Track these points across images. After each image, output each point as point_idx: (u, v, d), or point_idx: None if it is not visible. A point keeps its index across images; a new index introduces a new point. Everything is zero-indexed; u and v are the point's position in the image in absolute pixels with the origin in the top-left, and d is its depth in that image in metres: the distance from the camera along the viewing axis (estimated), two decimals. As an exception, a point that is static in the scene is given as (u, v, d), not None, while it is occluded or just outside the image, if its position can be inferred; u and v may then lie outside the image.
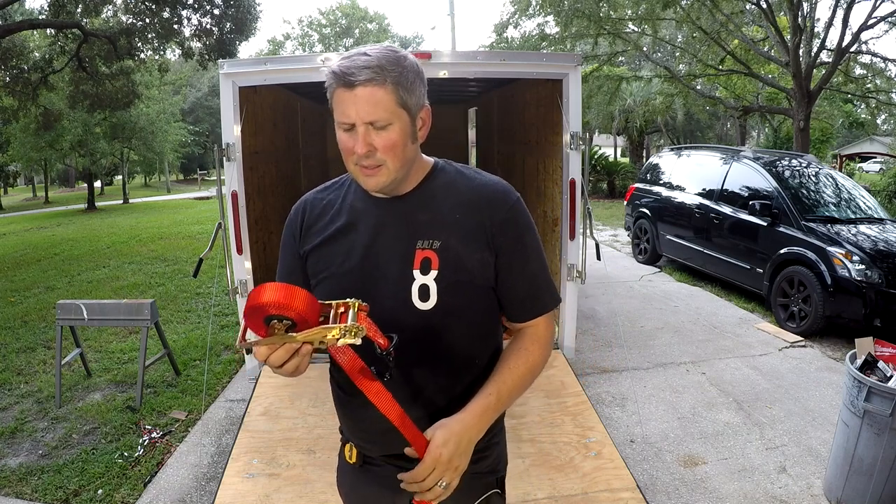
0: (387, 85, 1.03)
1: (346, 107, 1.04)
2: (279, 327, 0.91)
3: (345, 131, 1.07)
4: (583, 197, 3.65)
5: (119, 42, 10.45)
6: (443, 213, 1.14)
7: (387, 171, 1.08)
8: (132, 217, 16.69)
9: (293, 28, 55.51)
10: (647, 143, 23.61)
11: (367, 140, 1.05)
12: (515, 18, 13.42)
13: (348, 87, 1.02)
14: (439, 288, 1.10)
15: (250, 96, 3.78)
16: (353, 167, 1.10)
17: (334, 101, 1.06)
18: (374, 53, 1.04)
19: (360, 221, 1.16)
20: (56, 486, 3.05)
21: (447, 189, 1.16)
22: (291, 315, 0.91)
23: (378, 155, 1.06)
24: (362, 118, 1.03)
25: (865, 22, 9.03)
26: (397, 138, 1.06)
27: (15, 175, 33.48)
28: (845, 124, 23.89)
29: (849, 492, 2.72)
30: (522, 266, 1.17)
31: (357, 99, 1.03)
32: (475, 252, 1.12)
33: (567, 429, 2.93)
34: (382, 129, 1.05)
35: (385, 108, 1.04)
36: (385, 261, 1.12)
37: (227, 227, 3.49)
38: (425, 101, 1.12)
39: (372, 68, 1.02)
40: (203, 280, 6.71)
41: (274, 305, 0.90)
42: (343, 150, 1.09)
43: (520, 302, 1.19)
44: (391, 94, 1.04)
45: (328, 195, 1.24)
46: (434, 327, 1.11)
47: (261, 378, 3.51)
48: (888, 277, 4.82)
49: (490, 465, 1.24)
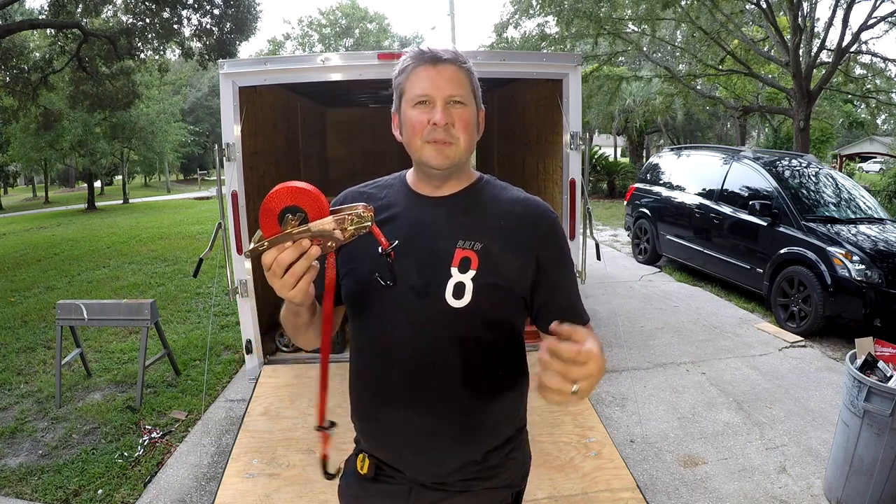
0: (466, 69, 1.12)
1: (428, 82, 1.09)
2: (293, 221, 0.92)
3: (418, 107, 1.10)
4: (583, 197, 3.65)
5: (119, 42, 10.45)
6: (486, 220, 1.15)
7: (457, 148, 1.11)
8: (132, 217, 16.70)
9: (293, 28, 55.54)
10: (647, 143, 23.61)
11: (447, 113, 1.09)
12: (515, 18, 13.44)
13: (433, 63, 1.09)
14: (475, 287, 1.10)
15: (250, 96, 3.78)
16: (421, 143, 1.11)
17: (410, 79, 1.11)
18: (451, 48, 1.13)
19: (401, 216, 1.17)
20: (56, 486, 3.05)
21: (491, 199, 1.19)
22: (304, 203, 0.92)
23: (453, 131, 1.09)
24: (444, 92, 1.08)
25: (865, 22, 9.03)
26: (471, 118, 1.12)
27: (15, 175, 33.49)
28: (845, 124, 23.87)
29: (849, 492, 2.72)
30: (563, 280, 1.19)
31: (441, 74, 1.09)
32: (515, 260, 1.13)
33: (567, 429, 2.93)
34: (460, 107, 1.10)
35: (465, 88, 1.11)
36: (422, 255, 1.12)
37: (227, 227, 3.50)
38: (482, 106, 1.18)
39: (454, 53, 1.12)
40: (203, 280, 6.71)
41: (288, 192, 0.92)
42: (413, 126, 1.11)
43: (559, 311, 1.16)
44: (468, 79, 1.13)
45: (369, 189, 1.25)
46: (463, 325, 1.11)
47: (261, 378, 3.51)
48: (888, 277, 4.82)
49: (506, 479, 1.22)
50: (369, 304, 1.15)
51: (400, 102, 1.14)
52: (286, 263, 0.91)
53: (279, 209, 0.92)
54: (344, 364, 1.30)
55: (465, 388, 1.14)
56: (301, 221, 0.92)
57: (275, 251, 0.91)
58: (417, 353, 1.11)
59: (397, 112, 1.17)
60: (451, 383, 1.13)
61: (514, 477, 1.25)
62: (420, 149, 1.12)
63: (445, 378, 1.12)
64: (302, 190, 0.92)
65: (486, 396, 1.16)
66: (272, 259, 0.91)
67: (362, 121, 7.42)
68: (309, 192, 0.92)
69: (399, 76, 1.13)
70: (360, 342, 1.21)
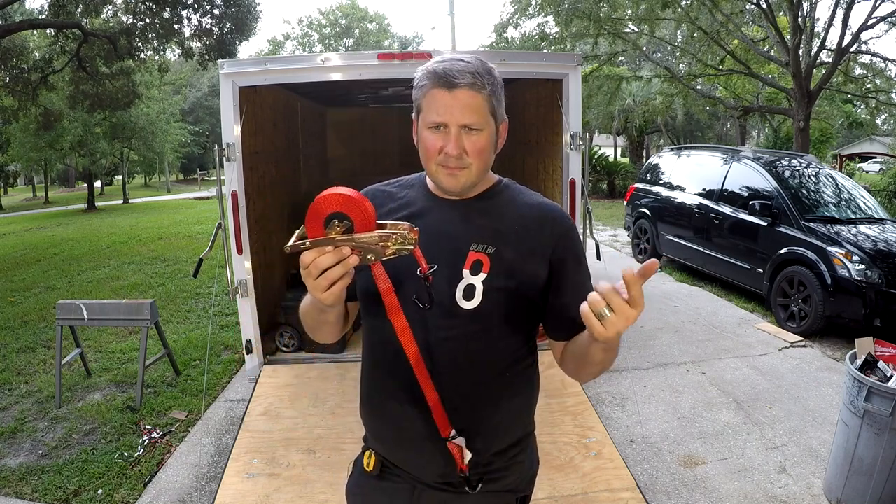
0: (484, 92, 1.07)
1: (443, 107, 1.06)
2: (338, 228, 0.93)
3: (433, 130, 1.09)
4: (583, 197, 3.65)
5: (119, 42, 10.45)
6: (502, 223, 1.15)
7: (469, 173, 1.11)
8: (132, 217, 16.70)
9: (293, 28, 55.60)
10: (647, 143, 23.62)
11: (459, 142, 1.07)
12: (515, 18, 13.43)
13: (448, 88, 1.05)
14: (485, 289, 1.10)
15: (250, 96, 3.78)
16: (435, 167, 1.11)
17: (427, 99, 1.09)
18: (470, 60, 1.07)
19: (418, 216, 1.17)
20: (56, 486, 3.05)
21: (509, 203, 1.19)
22: (353, 212, 0.93)
23: (466, 158, 1.09)
24: (458, 120, 1.06)
25: (865, 22, 9.03)
26: (486, 144, 1.10)
27: (15, 175, 33.49)
28: (845, 124, 23.88)
29: (849, 492, 2.72)
30: (575, 286, 1.17)
31: (456, 101, 1.05)
32: (528, 265, 1.13)
33: (567, 429, 2.93)
34: (474, 133, 1.08)
35: (480, 114, 1.07)
36: (436, 255, 1.12)
37: (227, 227, 3.49)
38: (505, 116, 1.16)
39: (472, 73, 1.05)
40: (203, 280, 6.71)
41: (339, 199, 0.93)
42: (427, 149, 1.10)
43: (568, 318, 1.13)
44: (486, 101, 1.08)
45: (389, 188, 1.26)
46: (472, 327, 1.11)
47: (261, 378, 3.51)
48: (888, 277, 4.82)
49: (511, 483, 1.22)
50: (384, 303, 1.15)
51: (417, 116, 1.14)
52: (323, 267, 0.93)
53: (327, 213, 0.94)
54: (344, 364, 1.30)
55: (473, 389, 1.14)
56: (346, 230, 0.94)
57: (314, 252, 0.93)
58: (426, 353, 1.11)
59: (415, 121, 1.16)
60: (460, 384, 1.13)
61: (519, 481, 1.24)
62: (435, 172, 1.12)
63: (454, 379, 1.13)
64: (352, 199, 0.93)
65: (495, 398, 1.16)
66: (310, 259, 0.93)
67: (362, 121, 7.42)
68: (359, 202, 0.94)
69: (416, 90, 1.11)
70: (371, 340, 1.21)
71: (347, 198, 0.93)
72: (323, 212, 0.94)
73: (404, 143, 7.37)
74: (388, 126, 7.29)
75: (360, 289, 1.18)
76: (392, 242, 0.94)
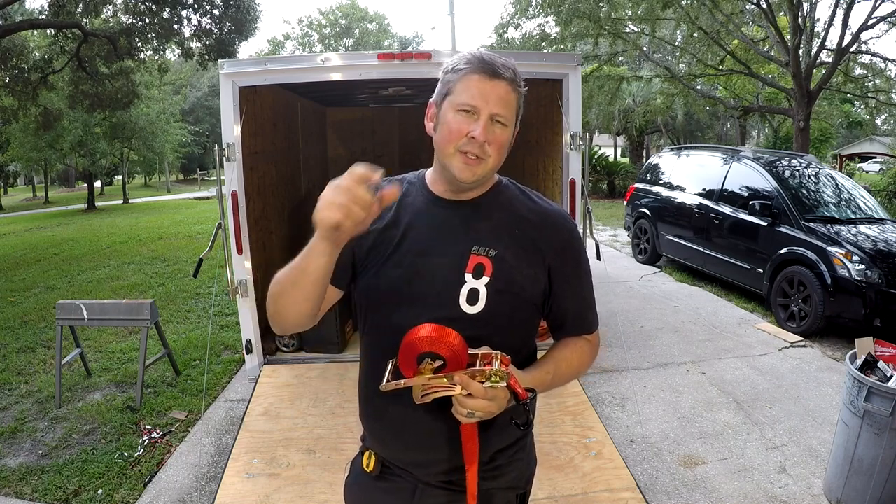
0: (518, 92, 1.10)
1: (478, 93, 1.06)
2: (429, 367, 0.99)
3: (461, 113, 1.07)
4: (583, 197, 3.65)
5: (119, 42, 10.45)
6: (502, 226, 1.16)
7: (485, 166, 1.10)
8: (132, 217, 16.69)
9: (293, 28, 55.60)
10: (647, 143, 23.61)
11: (488, 129, 1.07)
12: (516, 19, 13.44)
13: (490, 77, 1.07)
14: (489, 293, 1.11)
15: (250, 96, 3.78)
16: (454, 151, 1.09)
17: (463, 83, 1.08)
18: (510, 62, 1.10)
19: (419, 218, 1.17)
20: (56, 486, 3.05)
21: (509, 205, 1.19)
22: (444, 352, 0.98)
23: (488, 148, 1.08)
24: (491, 108, 1.06)
25: (865, 22, 9.04)
26: (507, 140, 1.12)
27: (15, 175, 33.50)
28: (845, 124, 23.88)
29: (849, 492, 2.72)
30: (576, 289, 1.20)
31: (494, 90, 1.07)
32: (528, 268, 1.14)
33: (567, 429, 2.93)
34: (500, 127, 1.09)
35: (511, 110, 1.09)
36: (438, 260, 1.12)
37: (227, 227, 3.49)
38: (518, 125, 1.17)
39: (513, 71, 1.09)
40: (203, 280, 6.71)
41: (430, 340, 0.98)
42: (451, 131, 1.08)
43: (570, 320, 1.23)
44: (517, 101, 1.11)
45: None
46: (476, 332, 1.10)
47: (261, 378, 3.51)
48: (888, 277, 4.82)
49: (510, 481, 1.23)
50: (388, 304, 1.15)
51: (443, 99, 1.11)
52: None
53: (421, 351, 0.99)
54: (343, 364, 1.30)
55: None
56: (437, 369, 0.99)
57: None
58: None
59: (437, 106, 1.13)
60: None
61: (519, 479, 1.25)
62: (451, 156, 1.10)
63: None
64: (447, 342, 0.98)
65: None
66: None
67: (362, 121, 7.42)
68: (453, 344, 0.98)
69: (450, 73, 1.10)
70: (371, 340, 1.21)
71: (441, 340, 0.98)
72: (419, 348, 0.98)
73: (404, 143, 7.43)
74: (388, 126, 7.29)
75: (364, 287, 1.18)
76: (483, 377, 0.98)
